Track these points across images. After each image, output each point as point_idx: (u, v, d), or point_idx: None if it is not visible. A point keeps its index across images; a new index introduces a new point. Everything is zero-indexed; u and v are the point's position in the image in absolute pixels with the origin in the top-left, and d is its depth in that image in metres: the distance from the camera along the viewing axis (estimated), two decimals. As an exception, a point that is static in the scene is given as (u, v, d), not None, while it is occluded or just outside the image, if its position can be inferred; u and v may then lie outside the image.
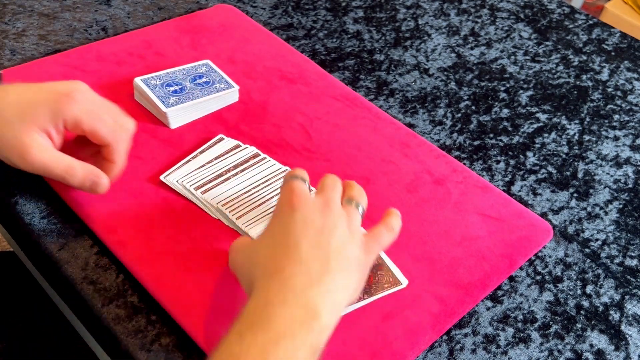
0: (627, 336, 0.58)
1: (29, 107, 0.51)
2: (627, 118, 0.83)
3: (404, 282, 0.55)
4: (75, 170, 0.53)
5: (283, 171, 0.63)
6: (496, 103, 0.82)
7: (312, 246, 0.45)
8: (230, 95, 0.70)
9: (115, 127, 0.55)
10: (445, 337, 0.55)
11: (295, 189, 0.49)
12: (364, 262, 0.48)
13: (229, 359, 0.40)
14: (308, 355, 0.41)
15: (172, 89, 0.67)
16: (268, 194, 0.60)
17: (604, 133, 0.80)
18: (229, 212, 0.58)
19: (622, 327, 0.58)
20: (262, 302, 0.42)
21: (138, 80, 0.67)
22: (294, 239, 0.46)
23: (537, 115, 0.81)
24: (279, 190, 0.61)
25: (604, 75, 0.90)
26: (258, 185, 0.61)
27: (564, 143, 0.77)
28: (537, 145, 0.76)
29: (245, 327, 0.41)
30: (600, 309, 0.60)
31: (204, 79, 0.70)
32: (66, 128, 0.53)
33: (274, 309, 0.41)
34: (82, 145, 0.57)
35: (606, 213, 0.69)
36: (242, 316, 0.42)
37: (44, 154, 0.51)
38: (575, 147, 0.77)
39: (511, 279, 0.61)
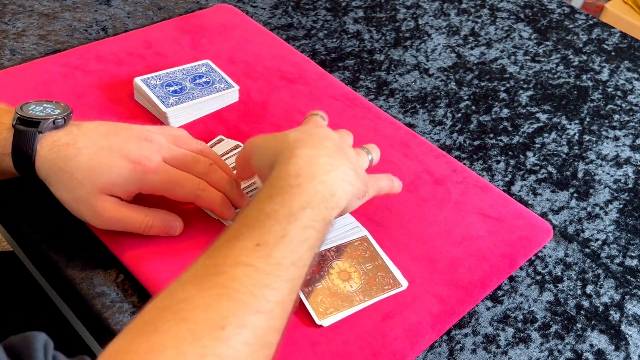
0: (627, 336, 0.58)
1: (101, 174, 0.50)
2: (627, 118, 0.83)
3: (404, 284, 0.55)
4: (152, 222, 0.54)
5: None
6: (496, 103, 0.82)
7: (335, 145, 0.51)
8: (230, 95, 0.70)
9: (192, 186, 0.53)
10: (445, 337, 0.55)
11: (314, 119, 0.58)
12: (365, 184, 0.52)
13: (259, 214, 0.44)
14: (322, 225, 0.46)
15: (172, 88, 0.67)
16: None
17: (604, 133, 0.80)
18: None
19: (622, 327, 0.58)
20: (293, 172, 0.46)
21: (138, 80, 0.67)
22: (321, 137, 0.51)
23: (537, 115, 0.81)
24: None
25: (604, 75, 0.90)
26: (258, 185, 0.61)
27: (564, 143, 0.77)
28: (537, 145, 0.76)
29: (275, 191, 0.45)
30: (600, 309, 0.60)
31: (204, 79, 0.70)
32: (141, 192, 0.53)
33: (302, 180, 0.46)
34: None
35: (606, 213, 0.69)
36: (272, 181, 0.47)
37: (116, 214, 0.52)
38: (575, 147, 0.77)
39: (511, 279, 0.61)
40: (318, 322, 0.51)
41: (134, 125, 0.55)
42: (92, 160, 0.50)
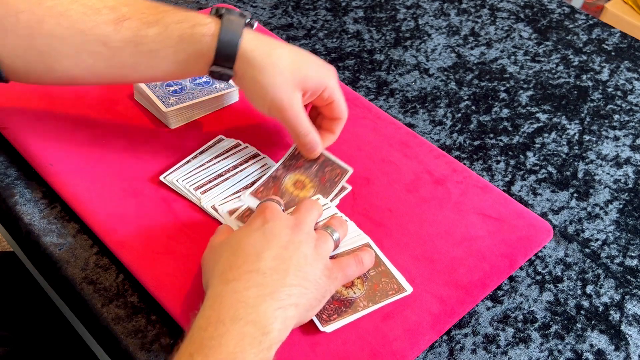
0: (627, 336, 0.58)
1: (301, 66, 0.57)
2: (627, 118, 0.83)
3: (409, 289, 0.55)
4: (309, 136, 0.59)
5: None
6: (496, 103, 0.82)
7: (273, 258, 0.46)
8: (230, 95, 0.70)
9: (346, 105, 0.62)
10: (445, 337, 0.55)
11: (270, 206, 0.52)
12: (324, 286, 0.48)
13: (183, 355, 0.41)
14: None
15: (172, 88, 0.67)
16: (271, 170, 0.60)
17: (604, 133, 0.80)
18: (226, 211, 0.58)
19: (622, 327, 0.58)
20: (214, 318, 0.43)
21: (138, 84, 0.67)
22: (258, 248, 0.47)
23: (537, 115, 0.81)
24: (280, 162, 0.61)
25: (604, 75, 0.90)
26: (255, 184, 0.61)
27: (564, 143, 0.77)
28: (537, 145, 0.76)
29: (196, 348, 0.41)
30: (600, 309, 0.60)
31: (204, 79, 0.70)
32: (318, 95, 0.59)
33: (225, 327, 0.42)
34: None
35: (606, 213, 0.69)
36: (193, 333, 0.42)
37: (297, 114, 0.57)
38: (575, 147, 0.77)
39: (511, 279, 0.61)
40: (321, 329, 0.51)
41: None
42: (293, 53, 0.57)
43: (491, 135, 0.76)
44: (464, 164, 0.71)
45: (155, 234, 0.56)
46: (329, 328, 0.51)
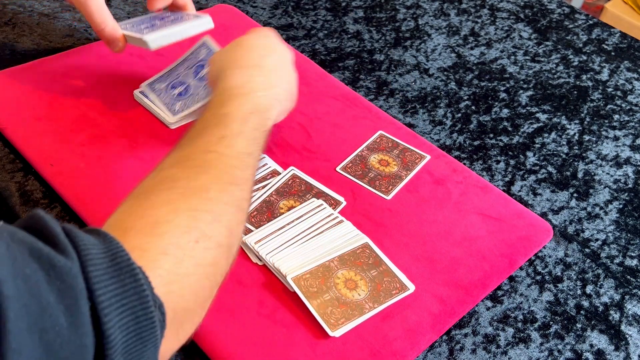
0: (627, 336, 0.58)
1: None
2: (627, 118, 0.83)
3: (411, 287, 0.55)
4: (116, 38, 0.62)
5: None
6: (496, 103, 0.82)
7: (271, 66, 0.57)
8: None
9: None
10: (445, 337, 0.55)
11: (267, 31, 0.62)
12: (292, 98, 0.60)
13: (216, 116, 0.50)
14: (263, 131, 0.51)
15: (177, 91, 0.67)
16: (264, 194, 0.60)
17: (604, 133, 0.80)
18: None
19: (622, 327, 0.58)
20: (238, 84, 0.53)
21: (138, 93, 0.67)
22: (262, 52, 0.58)
23: (537, 115, 0.81)
24: (274, 188, 0.61)
25: (604, 75, 0.90)
26: (255, 184, 0.61)
27: (564, 143, 0.77)
28: (537, 145, 0.76)
29: (226, 98, 0.52)
30: (600, 309, 0.60)
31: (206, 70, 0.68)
32: None
33: (246, 91, 0.52)
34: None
35: (606, 213, 0.69)
36: (221, 91, 0.53)
37: (94, 5, 0.60)
38: (575, 147, 0.77)
39: (511, 279, 0.61)
40: (331, 333, 0.50)
41: None
42: None
43: (491, 135, 0.76)
44: (464, 164, 0.71)
45: (155, 234, 0.56)
46: (338, 332, 0.51)
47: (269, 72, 0.56)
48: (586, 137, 0.79)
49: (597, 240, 0.66)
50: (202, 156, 0.46)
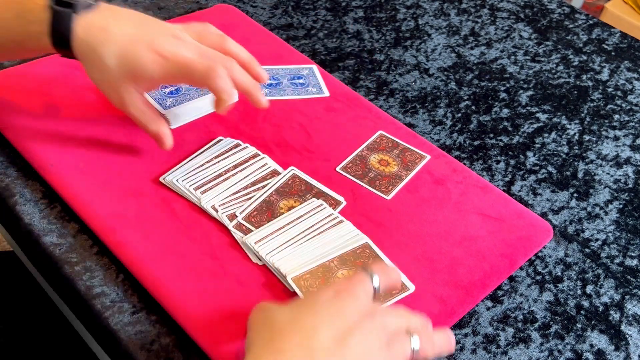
0: (627, 336, 0.58)
1: (130, 64, 0.54)
2: (627, 118, 0.83)
3: (412, 287, 0.55)
4: (149, 125, 0.58)
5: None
6: (496, 103, 0.82)
7: (331, 338, 0.40)
8: (230, 95, 0.70)
9: (208, 69, 0.55)
10: (445, 337, 0.55)
11: (355, 283, 0.43)
12: None
13: None
14: None
15: (167, 90, 0.67)
16: (264, 194, 0.60)
17: (604, 133, 0.80)
18: (226, 214, 0.58)
19: (622, 327, 0.58)
20: None
21: None
22: (318, 320, 0.41)
23: (537, 115, 0.81)
24: (274, 188, 0.61)
25: (604, 75, 0.90)
26: (255, 185, 0.61)
27: (564, 143, 0.77)
28: (537, 145, 0.76)
29: None
30: (600, 309, 0.60)
31: None
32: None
33: None
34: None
35: (606, 213, 0.69)
36: None
37: (132, 107, 0.57)
38: (575, 147, 0.77)
39: (511, 279, 0.61)
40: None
41: (163, 21, 0.58)
42: (123, 49, 0.54)
43: (491, 135, 0.76)
44: (464, 164, 0.71)
45: (155, 234, 0.56)
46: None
47: (322, 355, 0.39)
48: (586, 137, 0.79)
49: (597, 240, 0.66)
50: None
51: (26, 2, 0.54)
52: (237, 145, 0.65)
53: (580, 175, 0.73)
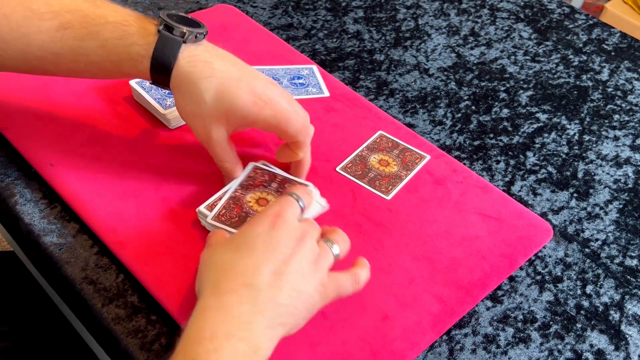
0: (627, 336, 0.58)
1: (226, 101, 0.54)
2: (627, 118, 0.83)
3: (308, 183, 0.59)
4: (235, 172, 0.59)
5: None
6: (496, 103, 0.82)
7: (271, 272, 0.45)
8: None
9: (304, 124, 0.57)
10: (445, 337, 0.55)
11: (285, 208, 0.49)
12: (314, 304, 0.47)
13: None
14: None
15: (168, 90, 0.67)
16: (229, 191, 0.60)
17: (604, 133, 0.80)
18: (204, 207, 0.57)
19: (622, 327, 0.58)
20: (207, 332, 0.42)
21: (133, 83, 0.67)
22: (260, 258, 0.46)
23: (537, 115, 0.81)
24: (237, 183, 0.60)
25: (604, 75, 0.90)
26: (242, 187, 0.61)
27: (564, 143, 0.77)
28: (537, 145, 0.76)
29: (185, 347, 0.42)
30: (600, 309, 0.60)
31: None
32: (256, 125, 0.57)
33: (218, 342, 0.41)
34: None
35: (606, 213, 0.69)
36: (185, 346, 0.42)
37: (220, 146, 0.57)
38: (575, 147, 0.77)
39: (511, 279, 0.61)
40: None
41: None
42: (224, 85, 0.54)
43: (491, 135, 0.76)
44: (464, 164, 0.71)
45: (155, 234, 0.56)
46: None
47: (261, 286, 0.44)
48: (586, 137, 0.79)
49: (597, 240, 0.66)
50: None
51: (132, 24, 0.54)
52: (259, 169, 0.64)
53: (580, 175, 0.73)
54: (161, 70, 0.54)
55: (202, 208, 0.57)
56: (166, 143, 0.65)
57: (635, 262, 0.65)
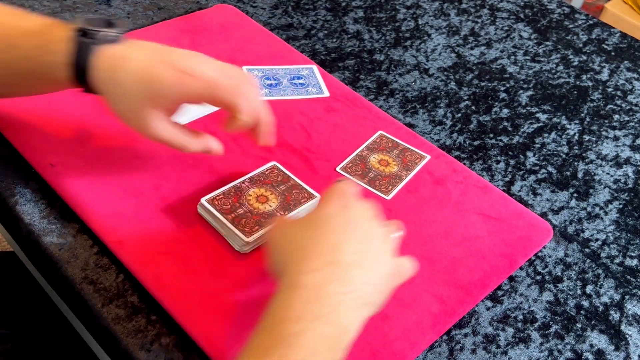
0: (627, 336, 0.58)
1: (150, 86, 0.52)
2: (627, 118, 0.83)
3: (317, 195, 0.59)
4: (189, 145, 0.56)
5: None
6: (496, 103, 0.82)
7: (354, 252, 0.44)
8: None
9: (234, 88, 0.53)
10: (445, 337, 0.55)
11: (350, 190, 0.49)
12: (393, 283, 0.47)
13: (268, 334, 0.40)
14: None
15: None
16: (237, 181, 0.60)
17: (604, 133, 0.80)
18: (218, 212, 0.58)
19: (622, 327, 0.58)
20: (293, 313, 0.41)
21: None
22: (339, 237, 0.45)
23: (537, 115, 0.81)
24: (248, 176, 0.61)
25: (604, 75, 0.90)
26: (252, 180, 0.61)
27: (564, 143, 0.77)
28: (537, 145, 0.76)
29: (272, 343, 0.40)
30: (600, 309, 0.60)
31: None
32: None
33: (304, 324, 0.40)
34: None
35: (606, 213, 0.69)
36: (268, 326, 0.41)
37: (161, 131, 0.54)
38: (575, 147, 0.77)
39: (511, 279, 0.61)
40: (245, 239, 0.54)
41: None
42: (142, 70, 0.52)
43: (491, 135, 0.76)
44: (464, 164, 0.71)
45: (155, 234, 0.56)
46: (251, 238, 0.54)
47: (347, 266, 0.44)
48: (586, 137, 0.79)
49: (597, 240, 0.66)
50: None
51: (48, 32, 0.53)
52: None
53: (580, 175, 0.73)
54: (81, 76, 0.53)
55: (203, 199, 0.58)
56: (166, 143, 0.65)
57: (635, 262, 0.65)
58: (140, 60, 0.52)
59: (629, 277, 0.63)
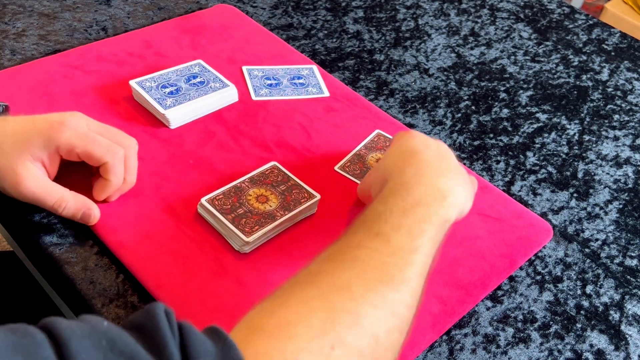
0: (627, 336, 0.58)
1: (23, 136, 0.51)
2: (627, 118, 0.83)
3: (317, 195, 0.60)
4: (67, 202, 0.53)
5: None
6: (496, 103, 0.82)
7: (434, 158, 0.52)
8: (229, 95, 0.70)
9: (110, 146, 0.54)
10: (445, 337, 0.55)
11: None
12: (472, 194, 0.55)
13: (374, 212, 0.46)
14: (439, 222, 0.47)
15: (167, 90, 0.68)
16: (237, 181, 0.60)
17: (604, 133, 0.80)
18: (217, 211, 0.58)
19: (622, 327, 0.58)
20: (400, 181, 0.49)
21: (133, 83, 0.67)
22: (418, 149, 0.52)
23: (537, 115, 0.81)
24: (248, 176, 0.61)
25: (604, 75, 0.90)
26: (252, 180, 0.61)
27: (564, 143, 0.77)
28: (537, 145, 0.76)
29: (387, 194, 0.48)
30: (600, 309, 0.60)
31: (198, 79, 0.70)
32: (61, 155, 0.53)
33: (410, 186, 0.48)
34: (80, 169, 0.57)
35: (606, 213, 0.69)
36: (384, 191, 0.49)
37: (36, 184, 0.52)
38: (575, 147, 0.77)
39: (511, 279, 0.61)
40: (245, 239, 0.54)
41: None
42: (15, 130, 0.51)
43: (491, 135, 0.76)
44: (464, 164, 0.71)
45: (155, 234, 0.56)
46: (251, 238, 0.54)
47: (436, 161, 0.52)
48: (586, 137, 0.79)
49: (597, 240, 0.66)
50: (352, 251, 0.42)
51: None
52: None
53: (580, 175, 0.73)
54: None
55: (203, 199, 0.58)
56: (166, 143, 0.65)
57: (635, 262, 0.65)
58: (16, 123, 0.52)
59: (629, 277, 0.63)
